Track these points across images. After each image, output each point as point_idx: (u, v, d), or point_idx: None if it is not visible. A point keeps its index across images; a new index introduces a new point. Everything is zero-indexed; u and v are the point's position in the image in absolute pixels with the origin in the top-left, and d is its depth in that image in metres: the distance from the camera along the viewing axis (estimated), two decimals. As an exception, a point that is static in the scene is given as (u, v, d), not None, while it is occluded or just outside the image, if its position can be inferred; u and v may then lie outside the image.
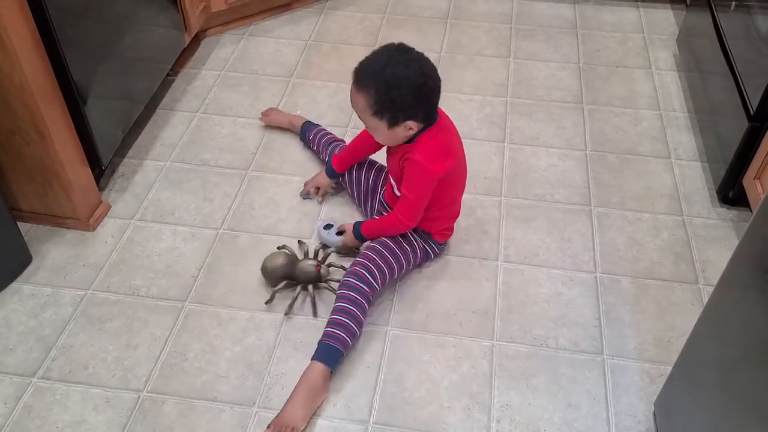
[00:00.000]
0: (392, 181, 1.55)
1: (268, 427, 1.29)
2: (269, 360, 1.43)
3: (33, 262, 1.60)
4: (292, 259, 1.55)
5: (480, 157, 1.89)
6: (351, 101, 1.42)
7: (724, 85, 1.77)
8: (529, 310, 1.52)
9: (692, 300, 1.54)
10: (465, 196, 1.76)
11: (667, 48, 2.32)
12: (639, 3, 2.54)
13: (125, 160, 1.88)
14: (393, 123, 1.39)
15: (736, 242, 1.05)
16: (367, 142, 1.63)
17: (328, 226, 1.64)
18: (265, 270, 1.55)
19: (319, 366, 1.35)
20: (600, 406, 1.36)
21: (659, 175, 1.85)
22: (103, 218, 1.70)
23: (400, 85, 1.34)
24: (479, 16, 2.49)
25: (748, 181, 1.64)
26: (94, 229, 1.68)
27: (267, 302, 1.52)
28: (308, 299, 1.52)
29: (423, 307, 1.53)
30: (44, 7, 1.41)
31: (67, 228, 1.67)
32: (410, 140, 1.44)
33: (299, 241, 1.66)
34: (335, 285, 1.50)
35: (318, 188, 1.76)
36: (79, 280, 1.57)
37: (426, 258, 1.60)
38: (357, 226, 1.57)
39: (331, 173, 1.72)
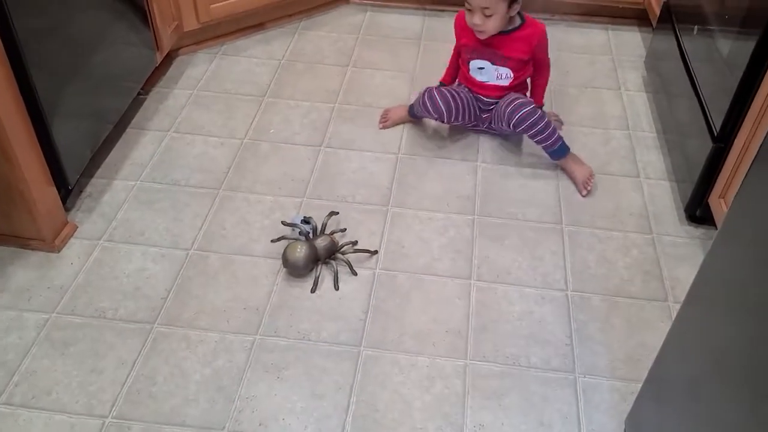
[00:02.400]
0: (494, 72, 1.93)
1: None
2: (240, 383, 1.40)
3: (-4, 284, 1.56)
4: (309, 243, 1.60)
5: (453, 177, 1.91)
6: None
7: (689, 107, 1.81)
8: (501, 329, 1.52)
9: (662, 317, 1.56)
10: (438, 215, 1.77)
11: (636, 69, 2.37)
12: (608, 25, 2.60)
13: (93, 179, 1.85)
14: (511, 2, 1.79)
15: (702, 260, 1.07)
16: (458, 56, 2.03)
17: (304, 221, 1.69)
18: (291, 264, 1.58)
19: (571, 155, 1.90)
20: (572, 424, 1.36)
21: (628, 194, 1.88)
22: (69, 239, 1.67)
23: None
24: (450, 35, 2.52)
25: (714, 200, 1.67)
26: (59, 251, 1.64)
27: (313, 291, 1.58)
28: (332, 273, 1.61)
29: (396, 326, 1.52)
30: (11, 25, 1.40)
31: (32, 249, 1.63)
32: (519, 23, 1.87)
33: (304, 219, 1.69)
34: (351, 255, 1.64)
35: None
36: (43, 303, 1.53)
37: None
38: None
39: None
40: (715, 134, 1.63)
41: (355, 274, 1.62)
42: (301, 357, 1.45)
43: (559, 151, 1.90)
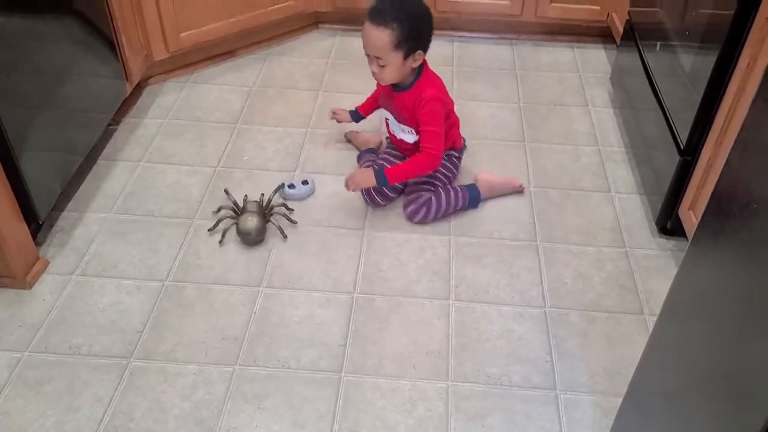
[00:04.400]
0: (397, 126, 1.83)
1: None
2: (220, 415, 1.38)
3: (-35, 324, 1.52)
4: (255, 212, 1.74)
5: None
6: (367, 41, 1.65)
7: (655, 121, 1.85)
8: (481, 348, 1.53)
9: (638, 330, 1.58)
10: (414, 236, 1.77)
11: (602, 86, 2.42)
12: (573, 44, 2.66)
13: (64, 213, 1.82)
14: (408, 53, 1.65)
15: (675, 272, 1.08)
16: (382, 91, 1.88)
17: (291, 186, 1.86)
18: (245, 235, 1.72)
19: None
20: (556, 442, 1.36)
21: (600, 209, 1.91)
22: (41, 275, 1.64)
23: (422, 18, 1.65)
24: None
25: (684, 212, 1.70)
26: (31, 287, 1.61)
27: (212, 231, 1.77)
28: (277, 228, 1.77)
29: (376, 350, 1.51)
30: (-24, 60, 1.38)
31: (2, 287, 1.60)
32: (411, 81, 1.73)
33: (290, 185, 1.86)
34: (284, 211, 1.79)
35: (337, 114, 2.02)
36: (15, 342, 1.49)
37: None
38: (380, 171, 1.74)
39: (355, 116, 2.01)
40: (682, 147, 1.67)
41: (294, 222, 1.79)
42: (281, 386, 1.44)
43: (472, 204, 1.85)
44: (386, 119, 1.91)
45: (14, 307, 1.57)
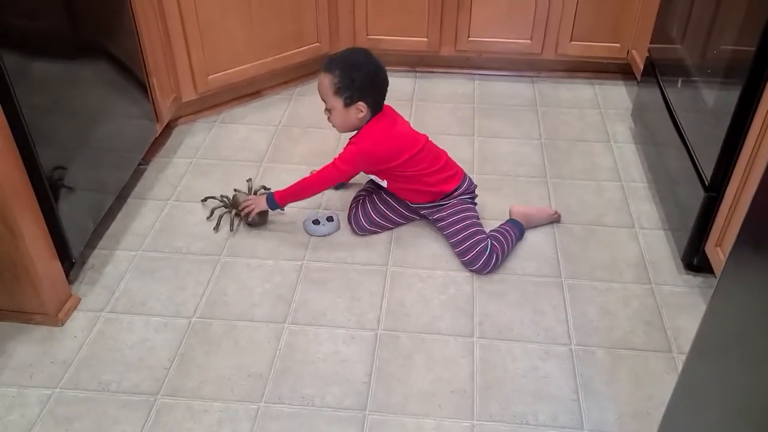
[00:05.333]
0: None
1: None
2: (245, 453, 1.38)
3: (-2, 361, 1.55)
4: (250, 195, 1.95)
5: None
6: (318, 87, 1.77)
7: (678, 157, 1.85)
8: (507, 387, 1.51)
9: (667, 369, 1.55)
10: (437, 272, 1.78)
11: (623, 122, 2.43)
12: (593, 80, 2.68)
13: (96, 251, 1.87)
14: (349, 102, 1.74)
15: (704, 309, 1.08)
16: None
17: (315, 222, 1.91)
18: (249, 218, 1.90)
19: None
20: (584, 483, 1.34)
21: (625, 245, 1.90)
22: (72, 312, 1.67)
23: (360, 68, 1.73)
24: (442, 97, 2.59)
25: (710, 249, 1.69)
26: (63, 324, 1.64)
27: (203, 200, 2.02)
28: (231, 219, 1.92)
29: (400, 388, 1.51)
30: (16, 103, 1.44)
31: (35, 324, 1.63)
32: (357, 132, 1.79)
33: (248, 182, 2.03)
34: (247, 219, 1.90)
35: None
36: (46, 379, 1.52)
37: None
38: (270, 195, 1.85)
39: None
40: (707, 183, 1.66)
41: (231, 230, 1.92)
42: (306, 423, 1.44)
43: (520, 237, 1.88)
44: None
45: (46, 344, 1.60)
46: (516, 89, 2.63)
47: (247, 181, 2.04)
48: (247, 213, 1.88)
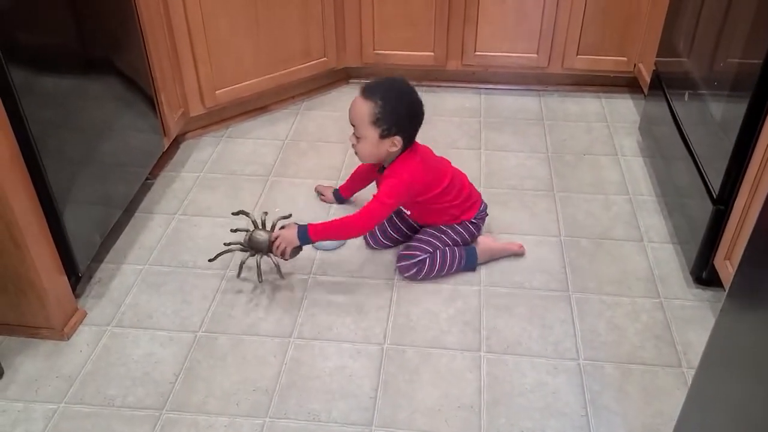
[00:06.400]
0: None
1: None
2: (250, 468, 1.37)
3: (4, 376, 1.55)
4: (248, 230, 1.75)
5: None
6: (351, 111, 1.68)
7: (686, 170, 1.84)
8: (515, 402, 1.50)
9: (677, 384, 1.53)
10: (444, 286, 1.77)
11: (631, 135, 2.42)
12: (600, 94, 2.68)
13: (103, 265, 1.87)
14: (384, 135, 1.65)
15: (713, 323, 1.06)
16: (363, 172, 1.95)
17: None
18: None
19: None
20: (594, 501, 1.31)
21: (633, 259, 1.88)
22: (78, 326, 1.67)
23: (403, 101, 1.67)
24: (449, 111, 2.60)
25: (719, 262, 1.67)
26: (68, 338, 1.64)
27: (210, 260, 1.78)
28: (255, 265, 1.72)
29: (407, 403, 1.50)
30: (24, 118, 1.45)
31: (41, 338, 1.63)
32: (388, 164, 1.71)
33: (264, 213, 1.82)
34: (281, 262, 1.73)
35: (323, 194, 2.07)
36: (51, 393, 1.52)
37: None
38: (302, 228, 1.69)
39: (338, 198, 2.05)
40: (715, 196, 1.65)
41: (282, 277, 1.76)
42: (312, 439, 1.43)
43: (468, 267, 1.82)
44: None
45: (52, 359, 1.60)
46: (523, 103, 2.63)
47: (263, 214, 1.81)
48: (281, 253, 1.69)
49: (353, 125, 1.69)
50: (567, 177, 2.21)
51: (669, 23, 2.13)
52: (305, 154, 2.33)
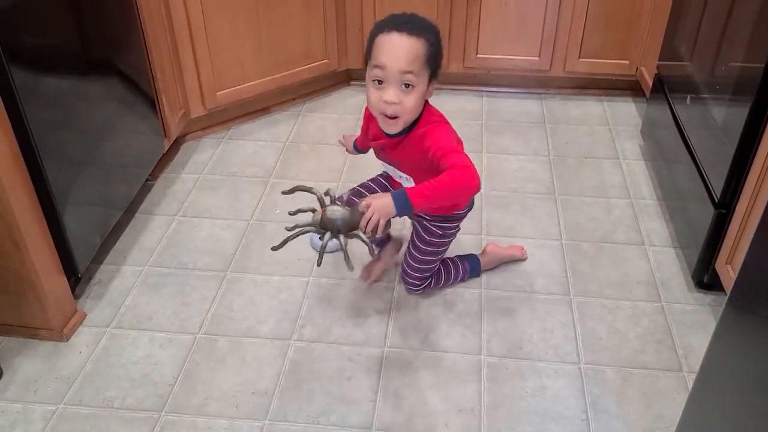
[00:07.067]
0: (395, 172, 1.58)
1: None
2: (249, 471, 1.37)
3: (4, 377, 1.55)
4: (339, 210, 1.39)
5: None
6: (393, 55, 1.33)
7: (688, 174, 1.84)
8: (515, 406, 1.49)
9: (677, 388, 1.53)
10: (445, 290, 1.76)
11: (633, 139, 2.42)
12: (602, 97, 2.67)
13: (102, 266, 1.87)
14: (433, 76, 1.40)
15: (714, 327, 1.06)
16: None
17: (321, 238, 1.45)
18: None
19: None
20: (594, 506, 1.31)
21: (635, 262, 1.88)
22: (77, 327, 1.67)
23: (441, 41, 1.41)
24: (450, 113, 2.56)
25: (721, 266, 1.66)
26: (68, 339, 1.64)
27: (275, 248, 1.40)
28: (340, 251, 1.36)
29: (407, 406, 1.49)
30: (24, 119, 1.45)
31: (40, 339, 1.63)
32: (411, 125, 1.45)
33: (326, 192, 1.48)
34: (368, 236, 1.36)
35: (344, 143, 1.83)
36: (50, 395, 1.51)
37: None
38: (401, 193, 1.32)
39: (356, 149, 1.79)
40: (716, 200, 1.64)
41: (374, 255, 1.46)
42: (311, 442, 1.42)
43: (473, 275, 1.80)
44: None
45: (51, 360, 1.59)
46: (524, 106, 2.63)
47: (325, 194, 1.49)
48: (374, 228, 1.35)
49: (404, 72, 1.34)
50: (568, 180, 2.21)
51: (671, 27, 2.13)
52: (306, 156, 2.33)
